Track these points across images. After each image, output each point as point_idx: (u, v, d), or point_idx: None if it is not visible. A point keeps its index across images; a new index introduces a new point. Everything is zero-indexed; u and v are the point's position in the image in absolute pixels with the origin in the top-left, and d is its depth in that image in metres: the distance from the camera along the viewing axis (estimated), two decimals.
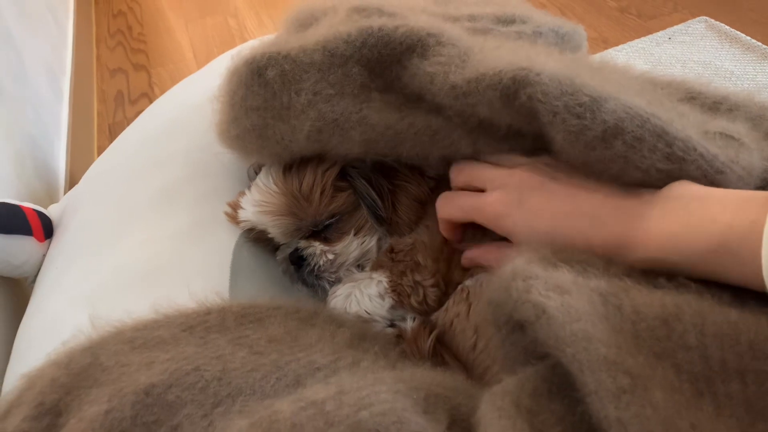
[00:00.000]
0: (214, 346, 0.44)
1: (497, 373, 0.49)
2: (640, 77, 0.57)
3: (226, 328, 0.46)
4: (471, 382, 0.48)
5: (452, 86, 0.49)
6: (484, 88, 0.47)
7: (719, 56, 1.40)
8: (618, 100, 0.43)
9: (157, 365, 0.41)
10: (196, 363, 0.41)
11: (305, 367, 0.42)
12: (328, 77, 0.53)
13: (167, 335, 0.45)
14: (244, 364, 0.41)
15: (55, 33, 1.62)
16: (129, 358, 0.42)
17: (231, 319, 0.47)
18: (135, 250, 0.66)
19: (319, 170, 0.58)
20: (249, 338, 0.45)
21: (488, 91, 0.47)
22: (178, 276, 0.62)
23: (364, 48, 0.53)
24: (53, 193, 1.12)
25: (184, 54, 1.94)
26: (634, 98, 0.44)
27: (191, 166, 0.75)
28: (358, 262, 0.61)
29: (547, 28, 0.70)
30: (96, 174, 0.84)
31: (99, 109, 1.72)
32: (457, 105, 0.50)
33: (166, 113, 0.88)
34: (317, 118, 0.54)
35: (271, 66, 0.54)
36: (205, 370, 0.40)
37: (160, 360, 0.41)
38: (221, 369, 0.41)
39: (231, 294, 0.59)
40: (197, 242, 0.65)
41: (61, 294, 0.66)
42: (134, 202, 0.73)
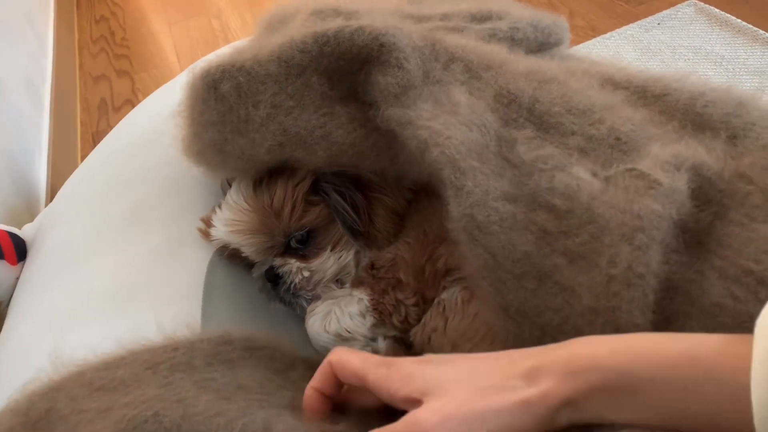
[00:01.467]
0: (177, 387, 0.41)
1: None
2: (605, 80, 0.55)
3: (193, 367, 0.44)
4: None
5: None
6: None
7: (709, 40, 1.38)
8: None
9: (115, 411, 0.38)
10: (156, 408, 0.38)
11: (276, 415, 0.40)
12: (287, 88, 0.52)
13: (129, 375, 0.42)
14: (208, 408, 0.39)
15: (34, 42, 1.59)
16: (87, 404, 0.40)
17: (199, 358, 0.45)
18: (108, 271, 0.64)
19: (289, 184, 0.56)
20: (217, 382, 0.43)
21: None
22: (152, 298, 0.60)
23: (321, 57, 0.51)
24: (34, 208, 1.10)
25: (167, 58, 1.92)
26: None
27: (165, 181, 0.73)
28: (336, 278, 0.59)
29: (525, 23, 0.68)
30: (70, 191, 0.82)
31: (82, 117, 1.69)
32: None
33: (140, 125, 0.86)
34: (279, 132, 0.52)
35: (226, 79, 0.52)
36: (164, 416, 0.38)
37: (118, 405, 0.39)
38: (181, 414, 0.38)
39: (204, 316, 0.58)
40: (171, 261, 0.63)
41: (33, 319, 0.64)
42: (107, 220, 0.71)
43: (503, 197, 0.45)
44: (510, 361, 0.38)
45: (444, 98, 0.50)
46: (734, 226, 0.42)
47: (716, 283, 0.40)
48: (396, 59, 0.50)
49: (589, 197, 0.43)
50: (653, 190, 0.41)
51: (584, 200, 0.43)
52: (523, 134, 0.48)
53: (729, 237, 0.41)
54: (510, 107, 0.50)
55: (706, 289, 0.40)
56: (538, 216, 0.44)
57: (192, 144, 0.58)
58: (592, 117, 0.49)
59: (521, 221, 0.44)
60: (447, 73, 0.53)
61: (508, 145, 0.48)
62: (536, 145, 0.47)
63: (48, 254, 0.72)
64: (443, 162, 0.45)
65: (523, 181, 0.46)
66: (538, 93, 0.51)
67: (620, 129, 0.48)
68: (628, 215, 0.40)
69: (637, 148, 0.47)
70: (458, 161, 0.45)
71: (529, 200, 0.45)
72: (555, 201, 0.43)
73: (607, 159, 0.46)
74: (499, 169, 0.47)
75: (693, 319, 0.40)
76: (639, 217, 0.40)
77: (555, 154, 0.46)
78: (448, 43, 0.55)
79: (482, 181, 0.45)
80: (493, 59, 0.55)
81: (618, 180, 0.44)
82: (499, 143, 0.48)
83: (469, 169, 0.45)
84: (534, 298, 0.42)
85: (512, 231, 0.44)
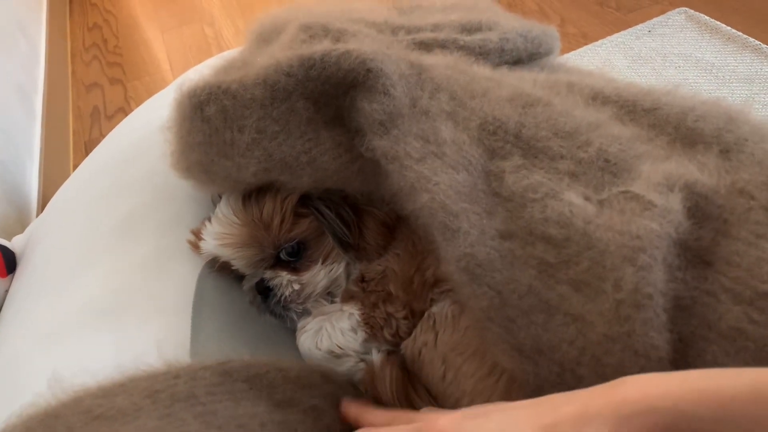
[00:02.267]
0: (178, 420, 0.40)
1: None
2: (593, 95, 0.55)
3: (194, 397, 0.43)
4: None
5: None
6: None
7: (700, 48, 1.38)
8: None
9: None
10: None
11: None
12: (272, 113, 0.51)
13: (128, 404, 0.42)
14: None
15: (26, 50, 1.59)
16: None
17: (201, 389, 0.44)
18: (97, 284, 0.64)
19: (278, 198, 0.56)
20: (218, 417, 0.42)
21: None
22: (141, 312, 0.60)
23: (307, 81, 0.51)
24: (25, 218, 1.09)
25: (160, 65, 1.91)
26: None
27: (155, 191, 0.72)
28: (327, 291, 0.59)
29: (515, 33, 0.68)
30: (60, 202, 0.82)
31: (75, 126, 1.68)
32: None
33: (131, 135, 0.85)
34: (264, 157, 0.52)
35: (212, 101, 0.52)
36: None
37: None
38: None
39: (193, 330, 0.57)
40: (160, 274, 0.63)
41: (21, 334, 0.63)
42: (97, 232, 0.71)
43: (499, 235, 0.45)
44: (552, 407, 0.36)
45: (431, 136, 0.49)
46: (741, 243, 0.41)
47: (732, 307, 0.39)
48: (383, 86, 0.50)
49: (585, 222, 0.42)
50: (649, 211, 0.41)
51: (580, 226, 0.42)
52: (510, 164, 0.48)
53: (737, 255, 0.41)
54: (496, 135, 0.50)
55: (722, 314, 0.40)
56: (536, 249, 0.43)
57: (180, 161, 0.58)
58: (579, 139, 0.49)
59: (520, 256, 0.43)
60: (433, 103, 0.52)
61: (497, 178, 0.48)
62: (524, 175, 0.47)
63: (37, 267, 0.71)
64: (434, 207, 0.45)
65: (517, 214, 0.45)
66: (524, 118, 0.51)
67: (608, 150, 0.48)
68: (627, 236, 0.40)
69: (627, 169, 0.46)
70: (449, 206, 0.45)
71: (525, 233, 0.44)
72: (551, 231, 0.43)
73: (599, 182, 0.46)
74: (491, 207, 0.46)
75: (713, 343, 0.39)
76: (638, 237, 0.40)
77: (544, 181, 0.46)
78: (434, 72, 0.55)
79: (476, 221, 0.45)
80: (477, 87, 0.54)
81: (612, 203, 0.43)
82: (488, 179, 0.48)
83: (461, 211, 0.45)
84: (546, 332, 0.41)
85: (513, 267, 0.43)
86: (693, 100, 0.54)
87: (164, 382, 0.44)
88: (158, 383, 0.44)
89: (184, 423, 0.41)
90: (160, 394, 0.43)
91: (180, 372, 0.46)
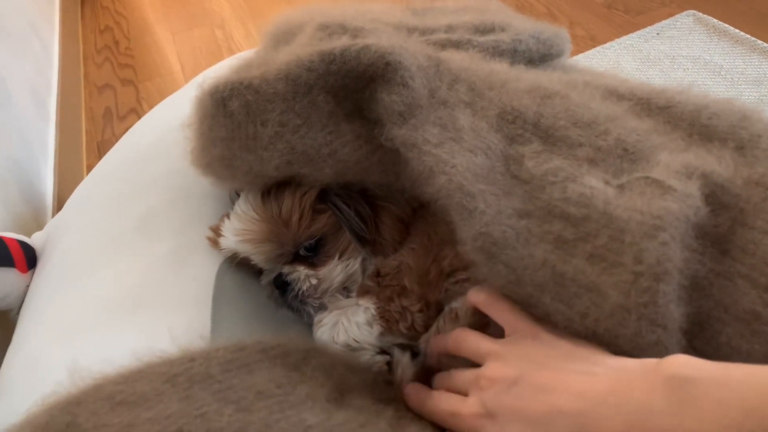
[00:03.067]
0: (198, 400, 0.41)
1: None
2: (608, 91, 0.56)
3: (211, 377, 0.44)
4: None
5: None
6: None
7: (708, 50, 1.39)
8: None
9: (138, 428, 0.39)
10: (179, 424, 0.39)
11: (296, 425, 0.40)
12: (294, 107, 0.52)
13: (149, 389, 0.43)
14: (231, 423, 0.40)
15: (40, 52, 1.61)
16: (108, 419, 0.40)
17: (216, 367, 0.45)
18: (117, 280, 0.65)
19: (297, 194, 0.57)
20: (235, 391, 0.43)
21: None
22: (161, 307, 0.61)
23: (328, 75, 0.52)
24: (41, 217, 1.11)
25: (171, 67, 1.93)
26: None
27: (173, 190, 0.73)
28: (343, 285, 0.60)
29: (527, 34, 0.69)
30: (78, 200, 0.83)
31: (87, 127, 1.70)
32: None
33: (148, 134, 0.87)
34: (286, 150, 0.53)
35: (234, 97, 0.53)
36: (188, 431, 0.39)
37: (140, 420, 0.39)
38: (206, 430, 0.39)
39: (213, 324, 0.58)
40: (179, 270, 0.64)
41: (41, 329, 0.65)
42: (116, 229, 0.72)
43: (516, 214, 0.46)
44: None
45: (449, 123, 0.51)
46: (756, 232, 0.43)
47: (749, 291, 0.41)
48: (401, 77, 0.51)
49: (605, 203, 0.43)
50: (668, 194, 0.42)
51: (600, 206, 0.43)
52: (530, 149, 0.49)
53: (752, 244, 0.42)
54: (515, 123, 0.51)
55: (738, 297, 0.41)
56: (554, 226, 0.44)
57: (200, 157, 0.59)
58: (598, 129, 0.50)
59: (536, 234, 0.44)
60: (451, 93, 0.53)
61: (516, 162, 0.49)
62: (544, 159, 0.48)
63: (57, 263, 0.73)
64: (452, 189, 0.46)
65: (535, 195, 0.46)
66: (542, 108, 0.52)
67: (626, 140, 0.49)
68: (648, 216, 0.41)
69: (646, 158, 0.48)
70: (466, 186, 0.46)
71: (543, 213, 0.45)
72: (570, 210, 0.44)
73: (618, 169, 0.47)
74: (509, 188, 0.47)
75: (728, 325, 0.41)
76: (659, 217, 0.41)
77: (564, 166, 0.47)
78: (451, 64, 0.56)
79: (493, 201, 0.46)
80: (496, 79, 0.56)
81: (632, 187, 0.44)
82: (506, 162, 0.49)
83: (478, 192, 0.46)
84: (558, 303, 0.42)
85: (528, 243, 0.44)
86: (706, 99, 0.55)
87: (181, 366, 0.45)
88: (175, 367, 0.45)
89: (203, 403, 0.42)
90: (179, 378, 0.44)
91: (195, 355, 0.47)
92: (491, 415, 0.42)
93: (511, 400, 0.41)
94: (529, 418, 0.40)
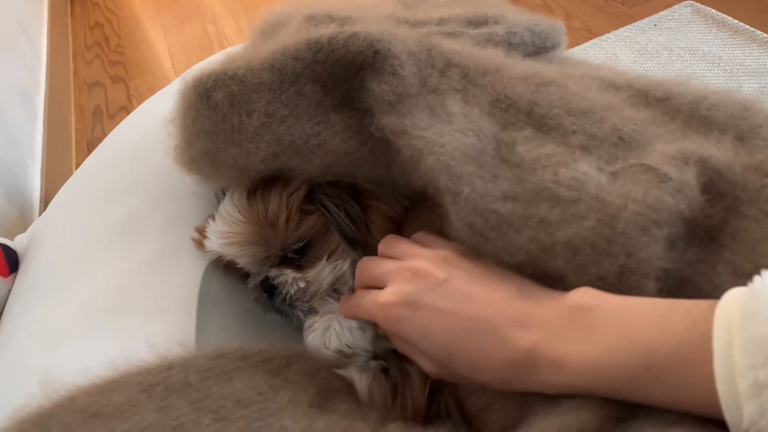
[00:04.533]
0: (175, 411, 0.40)
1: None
2: (605, 82, 0.54)
3: (189, 385, 0.42)
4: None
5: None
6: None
7: (706, 41, 1.37)
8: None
9: None
10: None
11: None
12: (281, 97, 0.51)
13: (124, 400, 0.41)
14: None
15: (28, 50, 1.58)
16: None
17: (194, 375, 0.43)
18: (99, 285, 0.63)
19: (284, 194, 0.55)
20: (214, 399, 0.41)
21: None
22: (146, 311, 0.59)
23: (315, 64, 0.50)
24: (28, 218, 1.09)
25: (162, 64, 1.91)
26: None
27: (159, 190, 0.71)
28: (332, 288, 0.58)
29: (522, 27, 0.67)
30: (62, 201, 0.81)
31: (77, 125, 1.68)
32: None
33: (135, 132, 0.85)
34: (273, 141, 0.51)
35: (218, 87, 0.51)
36: None
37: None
38: None
39: (198, 328, 0.56)
40: (164, 274, 0.62)
41: (24, 335, 0.63)
42: (100, 230, 0.70)
43: (503, 197, 0.44)
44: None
45: (439, 109, 0.49)
46: (749, 221, 0.41)
47: (727, 279, 0.40)
48: (391, 66, 0.49)
49: (597, 188, 0.42)
50: (664, 183, 0.41)
51: (592, 191, 0.42)
52: (522, 135, 0.48)
53: (743, 232, 0.41)
54: (508, 112, 0.50)
55: (717, 285, 0.40)
56: (540, 209, 0.43)
57: (184, 153, 0.57)
58: (593, 117, 0.48)
59: (520, 217, 0.43)
60: (443, 80, 0.52)
61: (508, 147, 0.47)
62: (537, 144, 0.47)
63: (39, 266, 0.71)
64: (439, 169, 0.45)
65: (525, 178, 0.45)
66: (536, 96, 0.50)
67: (622, 129, 0.47)
68: (643, 205, 0.40)
69: (642, 147, 0.46)
70: (453, 167, 0.45)
71: (531, 195, 0.44)
72: (561, 191, 0.42)
73: (611, 156, 0.45)
74: (498, 171, 0.46)
75: None
76: (654, 209, 0.39)
77: (557, 152, 0.45)
78: (444, 48, 0.55)
79: (479, 185, 0.44)
80: (490, 64, 0.54)
81: (626, 173, 0.43)
82: (498, 146, 0.48)
83: (465, 174, 0.44)
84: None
85: (510, 230, 0.43)
86: (706, 90, 0.53)
87: (158, 375, 0.44)
88: (152, 376, 0.44)
89: (181, 413, 0.40)
90: (155, 388, 0.42)
91: (173, 363, 0.45)
92: (414, 307, 0.43)
93: (437, 300, 0.43)
94: (450, 319, 0.42)
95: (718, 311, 0.33)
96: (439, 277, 0.44)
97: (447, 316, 0.42)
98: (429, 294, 0.43)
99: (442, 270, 0.45)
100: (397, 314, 0.44)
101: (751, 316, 0.32)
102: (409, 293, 0.44)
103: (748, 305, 0.32)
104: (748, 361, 0.30)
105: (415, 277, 0.45)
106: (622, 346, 0.36)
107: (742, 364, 0.31)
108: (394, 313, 0.44)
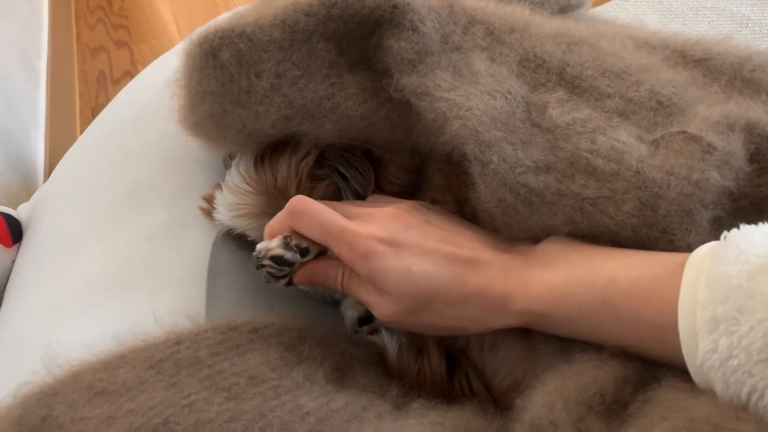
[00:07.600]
0: (185, 388, 0.38)
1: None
2: (639, 42, 0.51)
3: (199, 361, 0.40)
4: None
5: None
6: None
7: (734, 0, 1.31)
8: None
9: (120, 420, 0.35)
10: (165, 415, 0.35)
11: (292, 412, 0.37)
12: (292, 56, 0.47)
13: (131, 377, 0.39)
14: (221, 413, 0.36)
15: (28, 14, 1.54)
16: (87, 411, 0.36)
17: (204, 351, 0.41)
18: (105, 256, 0.61)
19: (293, 161, 0.51)
20: (226, 377, 0.39)
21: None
22: (153, 284, 0.57)
23: (328, 21, 0.47)
24: (30, 187, 1.07)
25: (167, 28, 1.86)
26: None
27: (165, 157, 0.68)
28: None
29: None
30: (66, 169, 0.78)
31: (80, 91, 1.65)
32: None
33: (139, 98, 0.81)
34: (283, 104, 0.48)
35: (225, 46, 0.48)
36: (175, 423, 0.35)
37: (122, 412, 0.36)
38: (194, 422, 0.35)
39: (209, 299, 0.54)
40: (172, 244, 0.60)
41: (27, 309, 0.61)
42: (105, 200, 0.67)
43: (535, 167, 0.41)
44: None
45: (464, 68, 0.46)
46: None
47: None
48: (411, 21, 0.46)
49: (638, 161, 0.39)
50: (709, 155, 0.38)
51: (633, 163, 0.39)
52: (555, 97, 0.44)
53: None
54: (538, 72, 0.46)
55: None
56: (575, 182, 0.40)
57: (189, 115, 0.54)
58: (629, 79, 0.45)
59: (555, 191, 0.40)
60: (467, 38, 0.48)
61: (539, 109, 0.44)
62: (571, 107, 0.43)
63: (43, 237, 0.68)
64: (466, 135, 0.42)
65: (559, 145, 0.41)
66: (568, 56, 0.47)
67: (661, 92, 0.44)
68: (686, 183, 0.37)
69: (682, 111, 0.43)
70: (482, 133, 0.41)
71: (566, 165, 0.40)
72: (598, 162, 0.39)
73: (651, 123, 0.42)
74: (529, 137, 0.43)
75: None
76: (699, 187, 0.37)
77: (593, 117, 0.42)
78: (466, 4, 0.51)
79: (510, 153, 0.41)
80: (517, 21, 0.50)
81: (668, 144, 0.40)
82: (528, 109, 0.44)
83: (494, 141, 0.41)
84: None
85: (544, 206, 0.40)
86: (748, 50, 0.50)
87: (166, 350, 0.42)
88: (160, 352, 0.42)
89: (191, 391, 0.38)
90: (164, 364, 0.40)
91: (181, 338, 0.43)
92: (395, 244, 0.42)
93: (419, 238, 0.43)
94: (434, 255, 0.42)
95: (692, 254, 0.34)
96: (418, 218, 0.44)
97: (433, 250, 0.42)
98: (413, 232, 0.43)
99: (417, 211, 0.45)
100: (376, 249, 0.41)
101: (719, 257, 0.32)
102: (391, 231, 0.43)
103: (717, 248, 0.33)
104: (710, 297, 0.31)
105: (393, 219, 0.44)
106: (582, 277, 0.37)
107: (704, 300, 0.31)
108: (373, 246, 0.41)
